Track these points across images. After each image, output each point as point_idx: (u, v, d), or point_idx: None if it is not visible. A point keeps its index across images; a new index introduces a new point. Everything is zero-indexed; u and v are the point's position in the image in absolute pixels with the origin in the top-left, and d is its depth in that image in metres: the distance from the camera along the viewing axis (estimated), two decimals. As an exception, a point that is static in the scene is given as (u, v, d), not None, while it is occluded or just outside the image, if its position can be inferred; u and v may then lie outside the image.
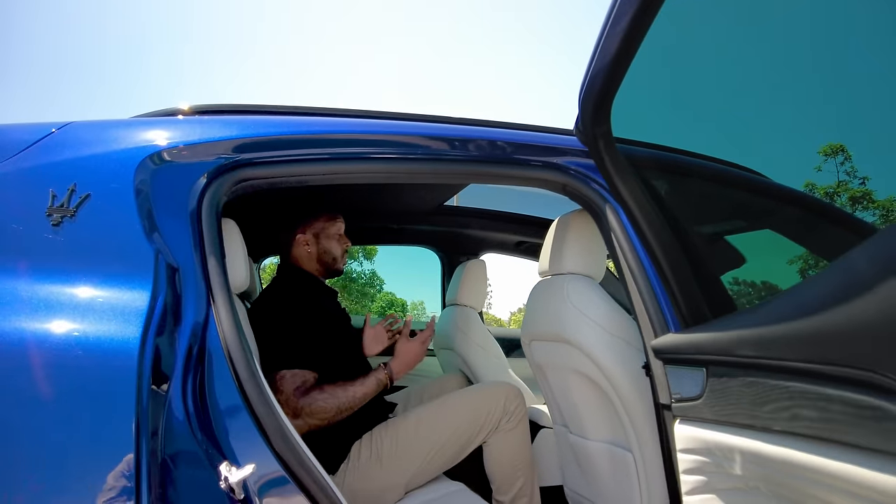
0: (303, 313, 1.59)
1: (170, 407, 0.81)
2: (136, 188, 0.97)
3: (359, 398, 1.51)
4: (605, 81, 0.94)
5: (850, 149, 0.85)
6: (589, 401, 1.44)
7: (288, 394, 1.43)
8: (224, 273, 0.97)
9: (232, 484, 0.79)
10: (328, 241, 1.84)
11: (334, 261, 1.85)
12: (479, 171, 1.28)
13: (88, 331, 0.80)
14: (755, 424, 0.72)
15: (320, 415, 1.44)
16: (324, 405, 1.44)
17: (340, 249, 1.87)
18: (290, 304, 1.62)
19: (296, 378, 1.46)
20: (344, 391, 1.50)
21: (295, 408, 1.41)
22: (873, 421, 0.51)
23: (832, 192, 0.90)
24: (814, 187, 0.94)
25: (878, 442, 0.51)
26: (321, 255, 1.83)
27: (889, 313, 0.46)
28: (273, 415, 0.89)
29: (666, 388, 1.00)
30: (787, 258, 1.24)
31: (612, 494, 1.43)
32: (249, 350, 0.92)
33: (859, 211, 0.89)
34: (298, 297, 1.66)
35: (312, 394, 1.45)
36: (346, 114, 1.32)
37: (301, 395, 1.43)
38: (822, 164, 0.87)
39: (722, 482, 0.89)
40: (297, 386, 1.44)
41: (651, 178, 1.19)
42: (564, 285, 1.41)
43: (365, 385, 1.54)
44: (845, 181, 0.86)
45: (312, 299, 1.67)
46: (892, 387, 0.47)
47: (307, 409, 1.42)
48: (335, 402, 1.47)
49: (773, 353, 0.64)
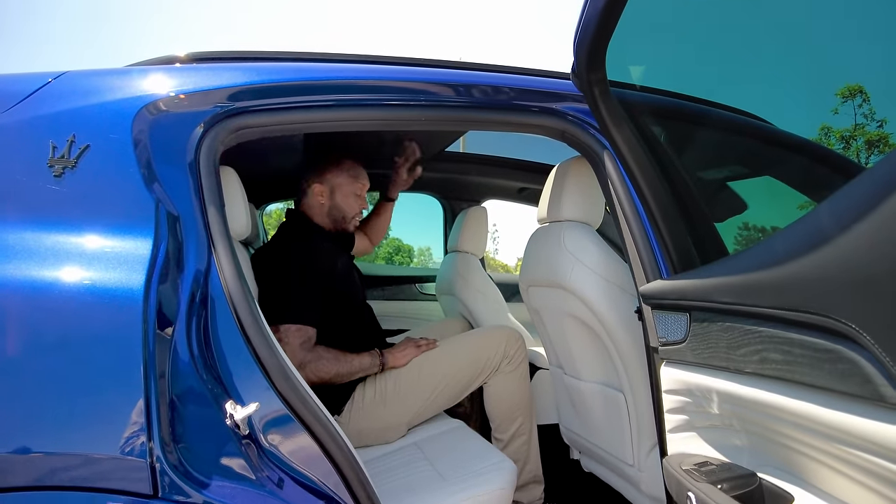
0: (304, 266, 1.60)
1: (175, 350, 0.86)
2: (135, 138, 0.98)
3: (354, 370, 1.58)
4: (599, 26, 0.92)
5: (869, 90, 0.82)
6: (583, 344, 1.48)
7: (294, 346, 1.48)
8: (224, 221, 1.00)
9: (237, 421, 0.85)
10: (344, 199, 1.81)
11: (344, 219, 1.82)
12: (476, 118, 1.27)
13: (95, 278, 0.84)
14: (730, 367, 0.76)
15: (320, 373, 1.51)
16: (326, 365, 1.52)
17: (355, 210, 1.83)
18: (296, 259, 1.62)
19: (301, 332, 1.51)
20: (346, 358, 1.57)
21: (301, 361, 1.47)
22: (829, 363, 0.54)
23: (848, 136, 0.88)
24: (829, 130, 0.92)
25: (833, 382, 0.54)
26: (332, 209, 1.80)
27: (845, 264, 0.49)
28: (275, 356, 0.93)
29: (654, 332, 1.04)
30: (788, 206, 1.24)
31: (604, 433, 1.49)
32: (251, 295, 0.96)
33: (875, 155, 0.87)
34: (302, 249, 1.66)
35: (319, 350, 1.52)
36: (342, 59, 1.30)
37: (307, 350, 1.49)
38: (839, 107, 0.84)
39: (701, 421, 0.94)
40: (303, 341, 1.50)
41: (647, 125, 1.18)
42: (561, 232, 1.43)
43: (362, 361, 1.60)
44: (862, 124, 0.84)
45: (315, 253, 1.67)
46: (846, 331, 0.50)
47: (311, 365, 1.49)
48: (336, 366, 1.54)
49: (747, 299, 0.67)
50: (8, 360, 0.78)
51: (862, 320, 0.48)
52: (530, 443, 1.72)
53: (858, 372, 0.50)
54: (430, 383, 1.66)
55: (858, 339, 0.49)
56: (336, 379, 1.55)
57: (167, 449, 0.80)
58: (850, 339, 0.50)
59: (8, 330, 0.79)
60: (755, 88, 1.14)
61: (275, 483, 0.89)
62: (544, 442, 1.83)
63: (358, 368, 1.59)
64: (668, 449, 1.02)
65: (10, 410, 0.76)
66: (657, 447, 1.16)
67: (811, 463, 0.68)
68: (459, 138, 2.45)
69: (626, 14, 0.93)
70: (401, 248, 10.64)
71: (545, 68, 1.37)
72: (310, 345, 1.51)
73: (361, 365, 1.60)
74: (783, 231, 0.60)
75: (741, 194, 1.35)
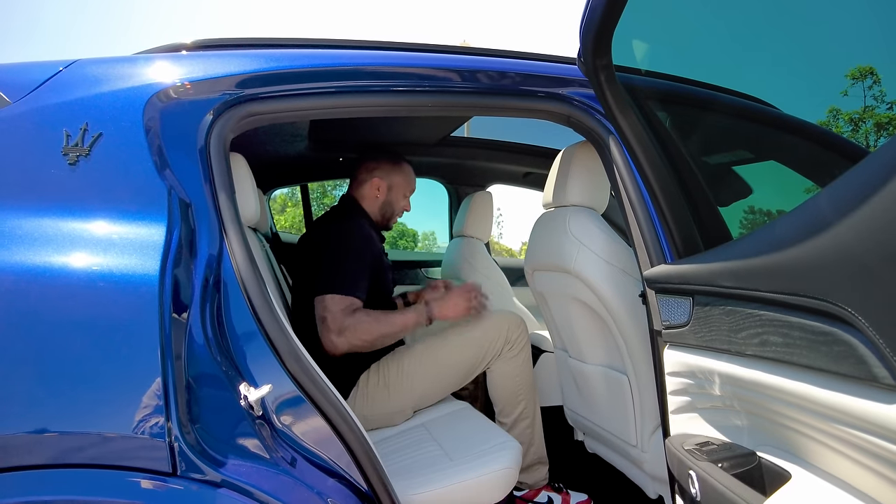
0: (359, 243, 1.67)
1: (190, 333, 0.88)
2: (146, 126, 0.99)
3: (398, 328, 1.59)
4: (605, 12, 0.93)
5: (880, 71, 0.82)
6: (588, 327, 1.50)
7: (335, 312, 1.51)
8: (235, 207, 1.02)
9: (251, 402, 0.88)
10: (396, 197, 1.93)
11: (392, 216, 1.94)
12: (481, 104, 1.27)
13: (112, 264, 0.86)
14: (731, 349, 0.78)
15: (363, 335, 1.52)
16: (368, 327, 1.53)
17: (401, 209, 1.95)
18: (349, 232, 1.69)
19: (344, 301, 1.54)
20: (387, 318, 1.58)
21: (340, 326, 1.50)
22: (826, 346, 0.56)
23: (857, 118, 0.88)
24: (838, 113, 0.91)
25: (829, 364, 0.56)
26: (384, 205, 1.91)
27: (843, 251, 0.50)
28: (286, 339, 0.96)
29: (658, 315, 1.05)
30: (793, 190, 1.25)
31: (608, 414, 1.51)
32: (262, 279, 0.98)
33: (884, 137, 0.87)
34: (358, 227, 1.73)
35: (358, 314, 1.54)
36: (348, 45, 1.31)
37: (348, 315, 1.52)
38: (849, 89, 0.84)
39: (703, 402, 0.96)
40: (345, 307, 1.53)
41: (652, 110, 1.18)
42: (566, 217, 1.44)
43: (405, 319, 1.61)
44: (872, 106, 0.84)
45: (369, 235, 1.74)
46: (843, 315, 0.52)
47: (352, 329, 1.51)
48: (378, 326, 1.55)
49: (748, 283, 0.68)
50: (33, 345, 0.80)
51: (858, 304, 0.50)
52: (534, 426, 1.74)
53: (853, 354, 0.52)
54: (433, 369, 1.68)
55: (854, 323, 0.51)
56: (380, 341, 1.56)
57: (184, 429, 0.82)
58: (847, 322, 0.52)
59: (35, 316, 0.81)
60: (763, 71, 1.14)
61: (288, 462, 0.92)
62: (549, 424, 1.85)
63: (402, 326, 1.60)
64: (670, 430, 1.04)
65: (36, 393, 0.79)
66: (660, 428, 1.18)
67: (808, 442, 0.70)
68: (463, 124, 2.45)
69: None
70: (405, 233, 10.63)
71: (549, 53, 1.37)
72: (352, 310, 1.54)
73: (406, 322, 1.60)
74: (784, 217, 0.62)
75: (747, 179, 1.36)
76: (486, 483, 1.24)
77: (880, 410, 0.51)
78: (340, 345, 1.50)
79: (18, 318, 0.81)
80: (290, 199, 9.51)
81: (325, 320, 1.51)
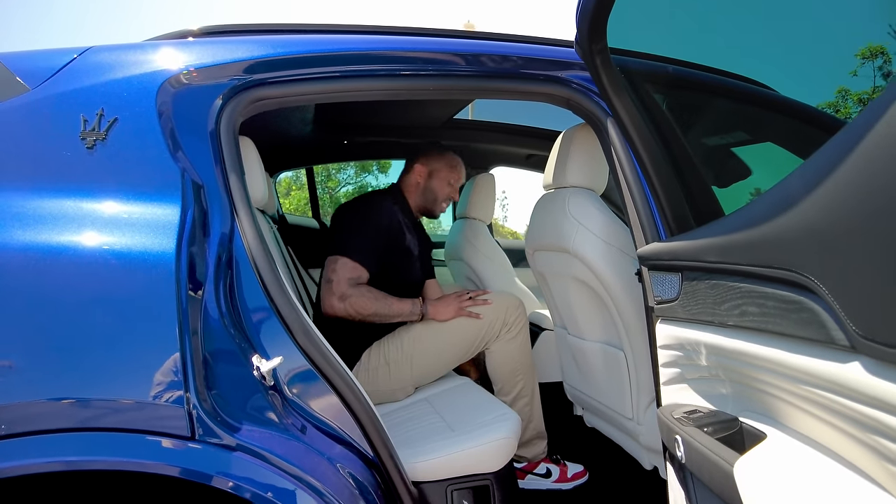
0: (380, 218, 1.75)
1: (205, 308, 0.93)
2: (159, 111, 1.03)
3: (393, 313, 1.68)
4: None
5: (892, 50, 0.81)
6: (586, 305, 1.55)
7: (342, 279, 1.60)
8: (244, 189, 1.06)
9: (263, 373, 0.93)
10: (439, 183, 1.97)
11: (434, 202, 1.98)
12: (484, 87, 1.30)
13: (130, 244, 0.91)
14: (715, 321, 0.82)
15: (360, 309, 1.61)
16: (367, 303, 1.62)
17: (444, 195, 1.98)
18: (374, 207, 1.77)
19: (354, 269, 1.63)
20: (386, 300, 1.66)
21: (343, 293, 1.59)
22: (794, 313, 0.60)
23: (866, 99, 0.88)
24: (847, 93, 0.91)
25: (797, 329, 0.61)
26: (426, 190, 1.96)
27: (806, 224, 0.55)
28: (296, 314, 1.01)
29: (651, 292, 1.09)
30: (788, 171, 1.27)
31: (605, 389, 1.56)
32: (272, 257, 1.03)
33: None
34: (384, 206, 1.80)
35: (362, 288, 1.63)
36: (352, 30, 1.33)
37: (352, 286, 1.61)
38: (859, 68, 0.83)
39: (691, 373, 1.01)
40: (352, 276, 1.62)
41: (648, 93, 1.21)
42: (566, 198, 1.48)
43: (402, 307, 1.69)
44: (882, 86, 0.82)
45: (393, 214, 1.80)
46: (806, 284, 0.56)
47: (352, 299, 1.60)
48: (375, 304, 1.63)
49: (729, 257, 0.73)
50: (62, 320, 0.85)
51: (820, 273, 0.54)
52: (532, 403, 1.79)
53: (816, 319, 0.57)
54: (433, 349, 1.73)
55: (817, 291, 0.55)
56: (374, 318, 1.65)
57: (202, 397, 0.88)
58: (811, 290, 0.57)
59: (63, 293, 0.86)
60: (769, 51, 1.14)
61: (299, 429, 0.98)
62: (548, 399, 1.91)
63: (397, 312, 1.68)
64: (662, 401, 1.09)
65: (65, 363, 0.84)
66: (654, 402, 1.23)
67: (781, 404, 0.75)
68: (467, 106, 2.47)
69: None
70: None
71: (550, 37, 1.40)
72: (356, 282, 1.63)
73: (401, 310, 1.69)
74: (763, 195, 0.66)
75: (739, 159, 1.38)
76: (486, 452, 1.30)
77: (838, 370, 0.56)
78: (339, 310, 1.60)
79: (50, 295, 0.85)
80: (295, 183, 9.56)
81: (332, 283, 1.60)
